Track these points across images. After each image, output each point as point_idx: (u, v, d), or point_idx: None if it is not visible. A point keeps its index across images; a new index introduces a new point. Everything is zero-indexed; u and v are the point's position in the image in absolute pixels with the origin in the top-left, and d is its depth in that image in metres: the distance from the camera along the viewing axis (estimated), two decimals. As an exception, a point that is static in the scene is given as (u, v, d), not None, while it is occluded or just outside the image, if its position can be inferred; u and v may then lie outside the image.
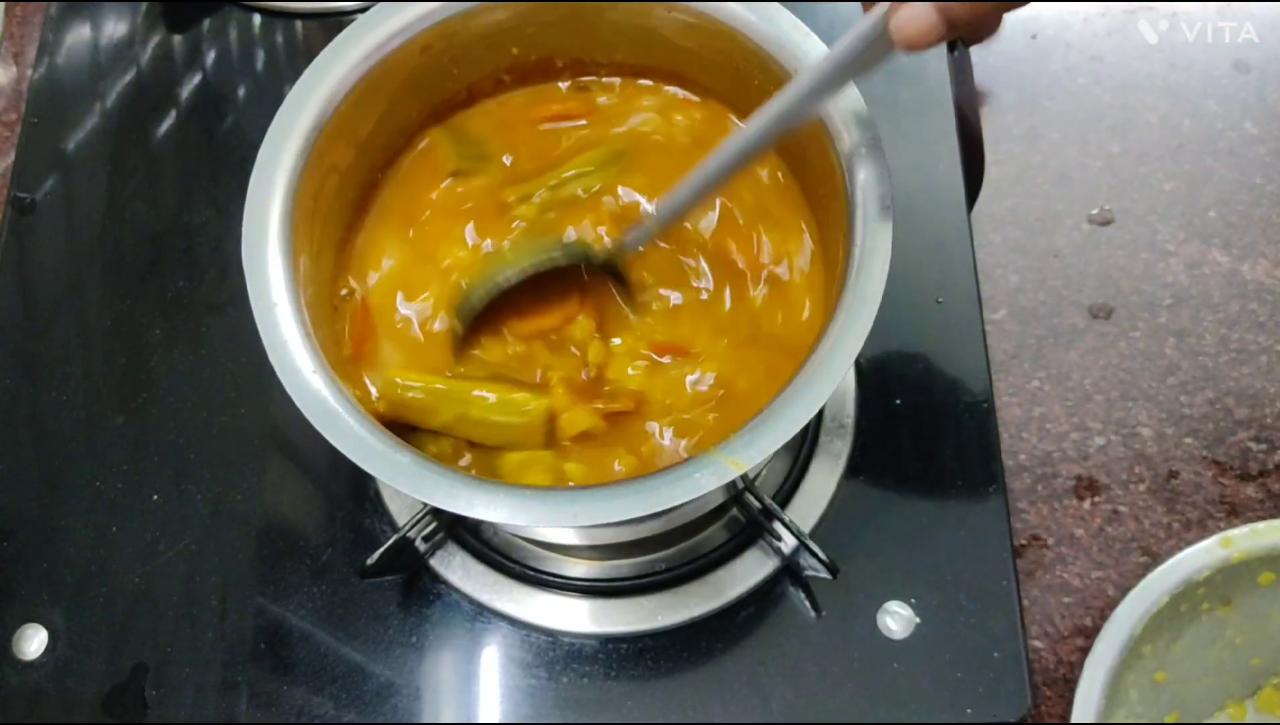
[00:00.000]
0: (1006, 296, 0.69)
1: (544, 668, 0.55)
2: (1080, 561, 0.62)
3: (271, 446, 0.60)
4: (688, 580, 0.57)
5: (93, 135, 0.69)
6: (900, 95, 0.66)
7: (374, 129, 0.52)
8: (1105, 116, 0.75)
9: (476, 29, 0.52)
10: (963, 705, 0.53)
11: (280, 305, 0.44)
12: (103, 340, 0.63)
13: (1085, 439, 0.65)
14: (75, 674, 0.55)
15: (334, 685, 0.55)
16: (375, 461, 0.41)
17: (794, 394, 0.42)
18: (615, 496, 0.41)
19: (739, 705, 0.54)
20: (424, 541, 0.57)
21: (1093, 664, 0.53)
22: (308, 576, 0.57)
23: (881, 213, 0.45)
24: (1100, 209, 0.71)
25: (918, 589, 0.55)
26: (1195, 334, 0.68)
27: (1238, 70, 0.76)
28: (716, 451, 0.41)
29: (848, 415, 0.60)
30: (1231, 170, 0.72)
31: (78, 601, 0.57)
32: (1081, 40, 0.77)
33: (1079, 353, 0.67)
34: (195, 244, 0.65)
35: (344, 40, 0.49)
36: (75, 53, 0.71)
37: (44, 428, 0.61)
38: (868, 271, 0.44)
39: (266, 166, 0.47)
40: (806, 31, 0.48)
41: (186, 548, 0.58)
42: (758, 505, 0.55)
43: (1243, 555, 0.54)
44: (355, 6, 0.71)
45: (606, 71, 0.56)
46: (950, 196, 0.64)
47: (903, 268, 0.45)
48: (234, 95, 0.70)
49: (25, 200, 0.67)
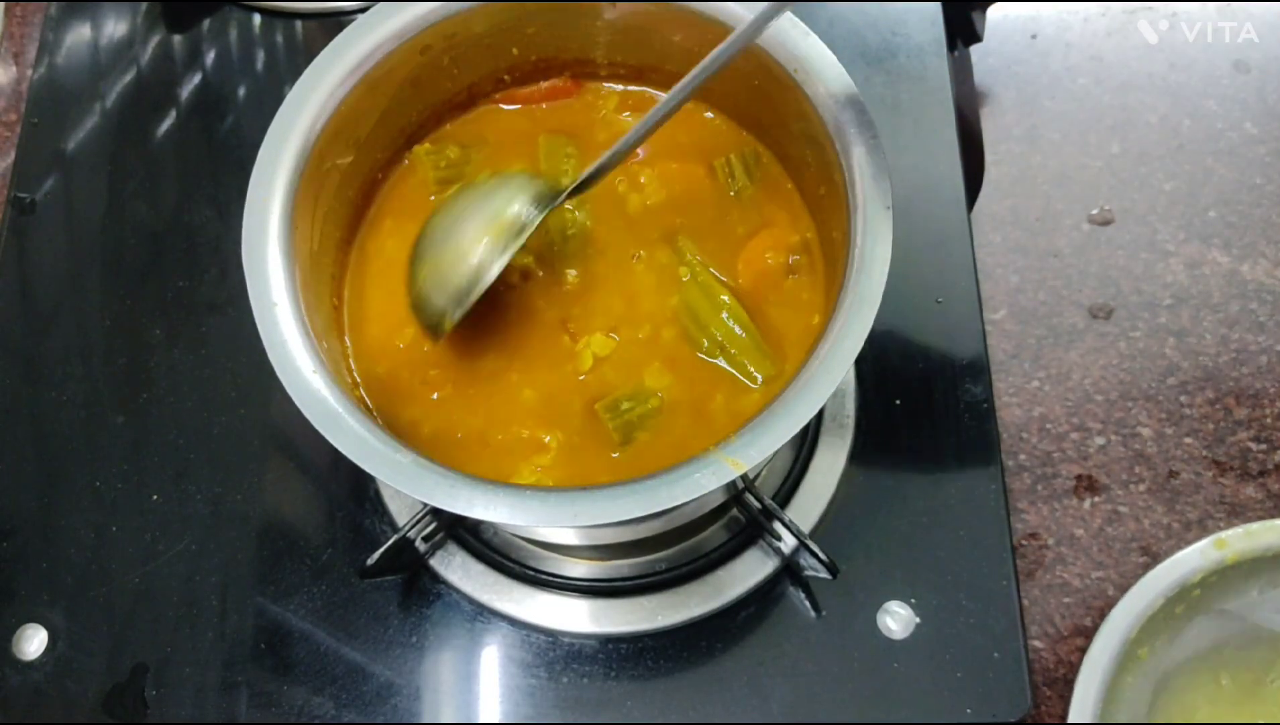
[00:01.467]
0: (1006, 296, 0.69)
1: (544, 668, 0.55)
2: (1080, 561, 0.62)
3: (271, 446, 0.60)
4: (688, 580, 0.57)
5: (93, 135, 0.69)
6: (900, 95, 0.66)
7: (374, 129, 0.52)
8: (1105, 116, 0.75)
9: (476, 29, 0.52)
10: (963, 705, 0.53)
11: (280, 305, 0.44)
12: (103, 340, 0.63)
13: (1085, 439, 0.65)
14: (75, 674, 0.55)
15: (334, 685, 0.55)
16: (375, 461, 0.41)
17: (794, 394, 0.42)
18: (615, 496, 0.41)
19: (739, 705, 0.54)
20: (424, 541, 0.57)
21: (1089, 666, 0.53)
22: (308, 576, 0.57)
23: (881, 213, 0.45)
24: (1100, 209, 0.71)
25: (918, 589, 0.55)
26: (1195, 334, 0.68)
27: (1238, 70, 0.76)
28: (716, 451, 0.41)
29: (848, 415, 0.60)
30: (1231, 170, 0.72)
31: (78, 601, 0.57)
32: (1081, 40, 0.77)
33: (1079, 353, 0.67)
34: (195, 244, 0.65)
35: (344, 40, 0.49)
36: (75, 53, 0.71)
37: (44, 428, 0.61)
38: (868, 272, 0.44)
39: (266, 166, 0.46)
40: (806, 31, 0.48)
41: (186, 548, 0.58)
42: (758, 505, 0.55)
43: (1237, 557, 0.54)
44: (355, 6, 0.71)
45: (607, 72, 0.56)
46: (950, 196, 0.64)
47: (903, 268, 0.45)
48: (234, 95, 0.70)
49: (25, 200, 0.67)
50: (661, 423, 0.49)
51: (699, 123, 0.55)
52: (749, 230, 0.53)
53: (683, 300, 0.51)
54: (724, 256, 0.52)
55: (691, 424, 0.49)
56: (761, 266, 0.52)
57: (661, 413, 0.49)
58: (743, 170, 0.53)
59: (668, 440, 0.48)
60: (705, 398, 0.49)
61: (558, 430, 0.49)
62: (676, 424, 0.49)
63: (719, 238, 0.52)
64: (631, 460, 0.48)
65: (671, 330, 0.51)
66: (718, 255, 0.52)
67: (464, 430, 0.49)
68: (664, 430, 0.49)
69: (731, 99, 0.54)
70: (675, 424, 0.49)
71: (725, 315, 0.50)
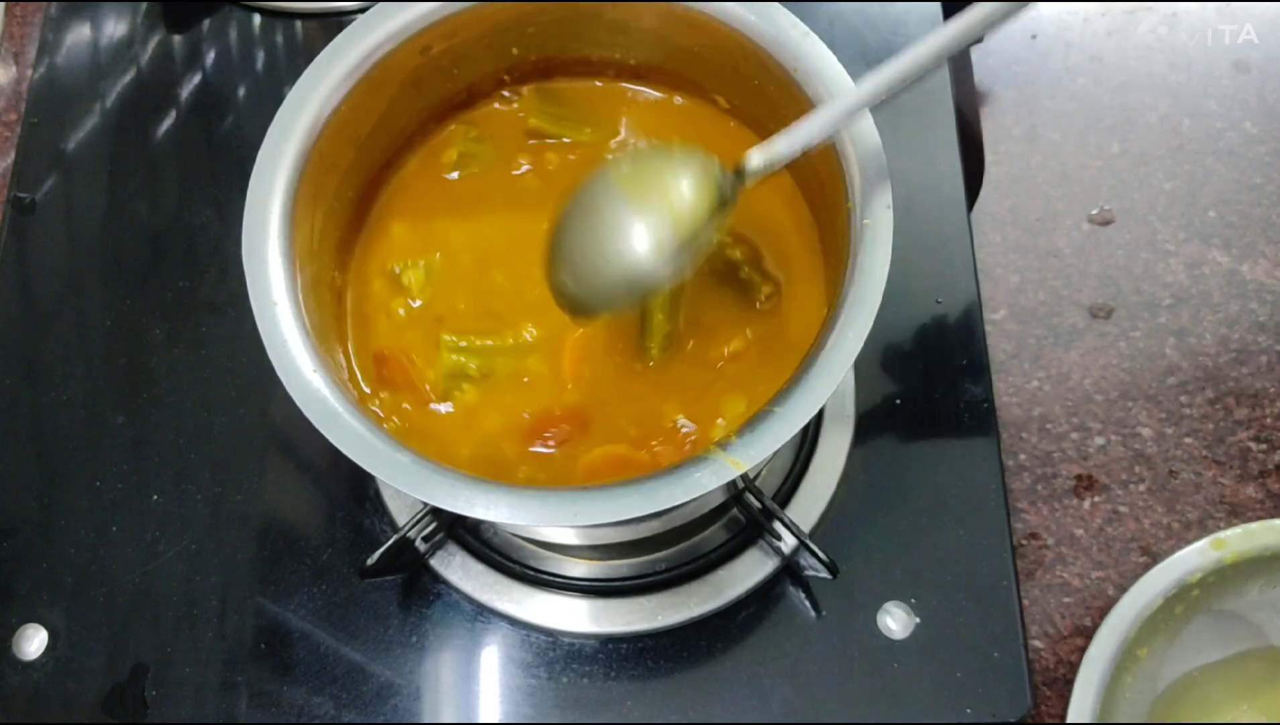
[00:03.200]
0: (1006, 296, 0.69)
1: (544, 668, 0.55)
2: (1080, 561, 0.62)
3: (271, 446, 0.60)
4: (688, 580, 0.57)
5: (93, 135, 0.69)
6: (900, 95, 0.66)
7: (374, 129, 0.52)
8: (1105, 116, 0.75)
9: (477, 29, 0.52)
10: (963, 705, 0.53)
11: (280, 305, 0.44)
12: (103, 340, 0.63)
13: (1085, 439, 0.65)
14: (75, 674, 0.55)
15: (334, 685, 0.55)
16: (375, 461, 0.41)
17: (794, 394, 0.42)
18: (615, 496, 0.41)
19: (739, 705, 0.54)
20: (424, 541, 0.57)
21: (1088, 666, 0.53)
22: (308, 576, 0.57)
23: (882, 213, 0.45)
24: (1100, 209, 0.71)
25: (918, 589, 0.55)
26: (1195, 334, 0.68)
27: (1238, 70, 0.76)
28: (716, 451, 0.41)
29: (848, 415, 0.60)
30: (1231, 170, 0.72)
31: (78, 601, 0.57)
32: (1081, 40, 0.77)
33: (1079, 353, 0.67)
34: (195, 244, 0.65)
35: (344, 40, 0.49)
36: (75, 53, 0.71)
37: (44, 428, 0.61)
38: (868, 272, 0.44)
39: (266, 166, 0.46)
40: (806, 31, 0.48)
41: (186, 548, 0.58)
42: (758, 505, 0.55)
43: (1236, 557, 0.54)
44: (355, 6, 0.71)
45: (606, 71, 0.56)
46: (950, 196, 0.64)
47: (903, 268, 0.45)
48: (234, 95, 0.70)
49: (25, 200, 0.67)
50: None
51: (703, 116, 0.55)
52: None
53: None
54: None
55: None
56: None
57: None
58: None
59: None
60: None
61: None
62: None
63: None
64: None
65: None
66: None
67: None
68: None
69: (731, 98, 0.54)
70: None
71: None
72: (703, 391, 0.49)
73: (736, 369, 0.50)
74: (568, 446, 0.49)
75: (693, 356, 0.50)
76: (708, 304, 0.51)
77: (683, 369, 0.50)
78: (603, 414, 0.49)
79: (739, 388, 0.49)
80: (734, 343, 0.50)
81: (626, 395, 0.50)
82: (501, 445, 0.49)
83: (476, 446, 0.49)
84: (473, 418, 0.50)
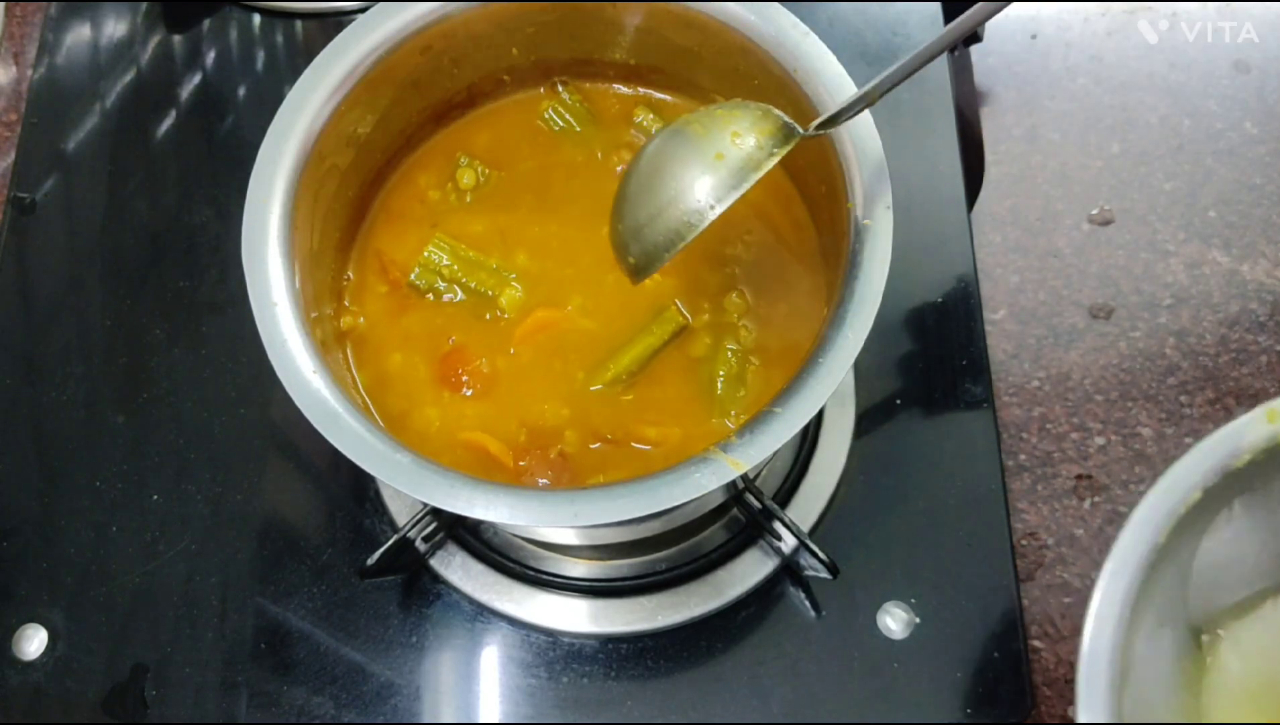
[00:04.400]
0: (1006, 296, 0.69)
1: (544, 668, 0.55)
2: (1080, 561, 0.62)
3: (271, 446, 0.60)
4: (688, 580, 0.57)
5: (93, 135, 0.69)
6: (900, 95, 0.65)
7: (374, 129, 0.52)
8: (1105, 116, 0.74)
9: (476, 29, 0.52)
10: (963, 706, 0.53)
11: (280, 305, 0.44)
12: (103, 340, 0.63)
13: (1085, 439, 0.65)
14: (75, 674, 0.55)
15: (334, 685, 0.55)
16: (375, 461, 0.41)
17: (794, 394, 0.42)
18: (615, 496, 0.41)
19: (739, 705, 0.54)
20: (424, 541, 0.57)
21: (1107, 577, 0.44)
22: (308, 576, 0.57)
23: (882, 213, 0.45)
24: (1100, 209, 0.71)
25: (918, 589, 0.55)
26: (1195, 334, 0.68)
27: (1238, 70, 0.76)
28: (716, 451, 0.41)
29: (847, 415, 0.60)
30: (1231, 170, 0.72)
31: (78, 601, 0.57)
32: (1081, 40, 0.77)
33: (1079, 353, 0.67)
34: (195, 244, 0.65)
35: (344, 40, 0.49)
36: (75, 53, 0.71)
37: (44, 428, 0.61)
38: (868, 272, 0.44)
39: (266, 166, 0.47)
40: (806, 31, 0.48)
41: (186, 548, 0.58)
42: (758, 505, 0.55)
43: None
44: (355, 6, 0.71)
45: (608, 72, 0.56)
46: (950, 196, 0.64)
47: (903, 268, 0.45)
48: (234, 95, 0.70)
49: (25, 200, 0.67)
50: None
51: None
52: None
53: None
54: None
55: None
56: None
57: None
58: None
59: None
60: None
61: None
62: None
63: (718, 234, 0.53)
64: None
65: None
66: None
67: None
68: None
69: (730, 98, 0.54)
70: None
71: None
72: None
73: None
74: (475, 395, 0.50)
75: (631, 404, 0.51)
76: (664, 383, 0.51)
77: (619, 406, 0.51)
78: (514, 395, 0.51)
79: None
80: (653, 430, 0.50)
81: (553, 395, 0.51)
82: (416, 361, 0.51)
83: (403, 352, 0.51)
84: (413, 322, 0.52)
